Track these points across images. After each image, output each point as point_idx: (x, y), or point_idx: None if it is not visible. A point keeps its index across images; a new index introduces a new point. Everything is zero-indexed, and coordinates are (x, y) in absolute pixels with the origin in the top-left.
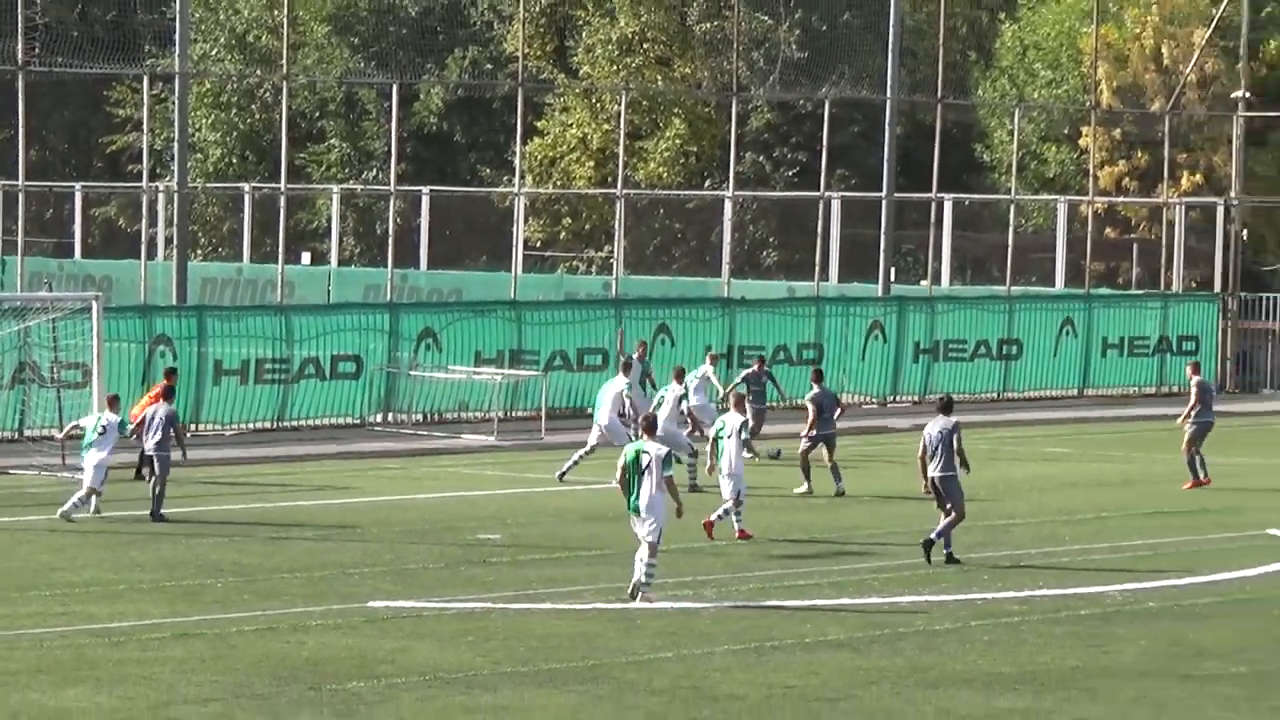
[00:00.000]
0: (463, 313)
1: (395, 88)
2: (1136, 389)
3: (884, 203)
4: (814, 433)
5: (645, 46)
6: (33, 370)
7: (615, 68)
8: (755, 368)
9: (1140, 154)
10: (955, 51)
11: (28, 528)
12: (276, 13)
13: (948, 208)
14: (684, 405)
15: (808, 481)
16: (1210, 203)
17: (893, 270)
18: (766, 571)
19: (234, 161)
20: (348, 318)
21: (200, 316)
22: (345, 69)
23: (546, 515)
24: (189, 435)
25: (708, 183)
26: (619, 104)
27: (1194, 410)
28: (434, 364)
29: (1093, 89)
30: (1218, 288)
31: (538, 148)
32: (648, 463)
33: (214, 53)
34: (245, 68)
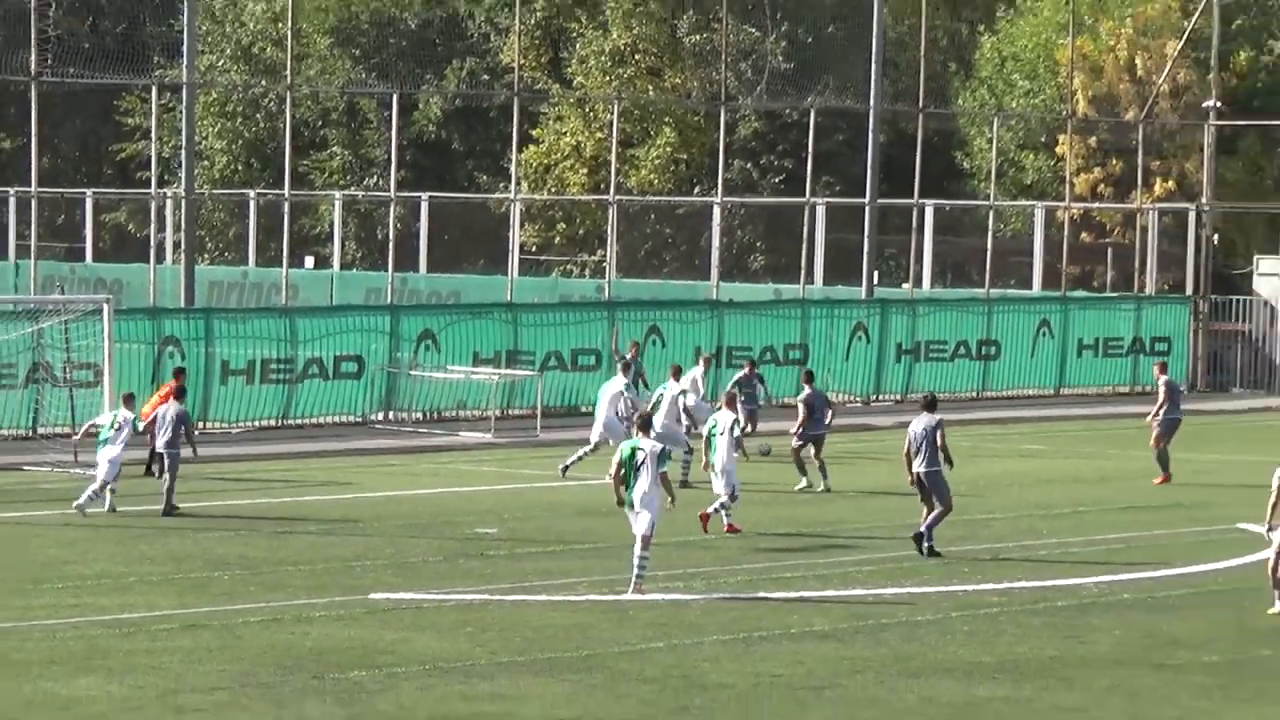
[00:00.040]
0: (461, 315)
1: (395, 97)
2: (1111, 388)
3: (867, 208)
4: (802, 430)
5: (637, 58)
6: (46, 370)
7: (608, 78)
8: (746, 370)
9: (1115, 161)
10: (936, 62)
11: (41, 522)
12: (281, 25)
13: (929, 213)
14: (681, 402)
15: (804, 477)
16: (1182, 208)
17: (876, 274)
18: (754, 564)
19: (239, 169)
20: (350, 319)
21: (207, 318)
22: (347, 79)
23: (542, 510)
24: (196, 433)
25: (697, 189)
26: (611, 113)
27: (1162, 408)
28: (433, 364)
29: (1069, 99)
30: (1189, 290)
31: (533, 155)
32: (643, 459)
33: (220, 64)
34: (250, 78)
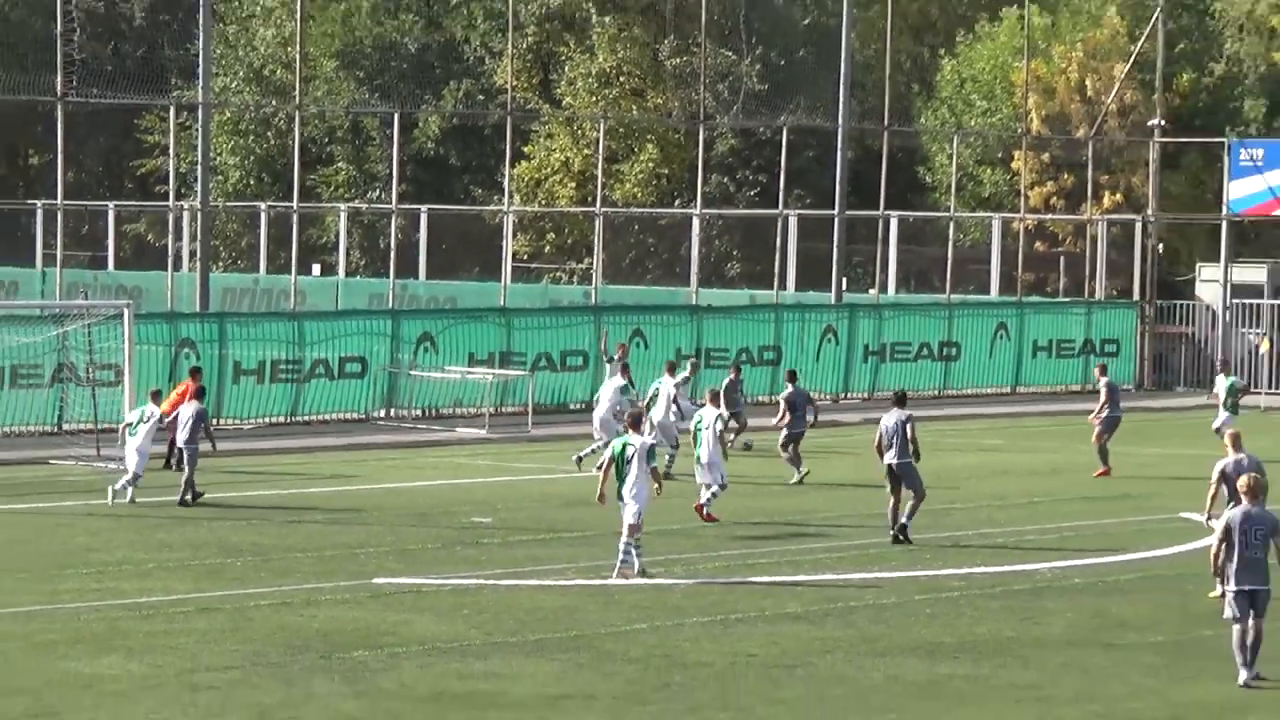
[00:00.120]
0: (457, 319)
1: (396, 116)
2: (1064, 387)
3: (836, 219)
4: (786, 429)
5: (621, 79)
6: (70, 370)
7: (594, 98)
8: (733, 376)
9: (1066, 176)
10: (900, 84)
11: (66, 512)
12: (290, 49)
13: (893, 224)
14: (672, 395)
15: (798, 471)
16: (1129, 219)
17: (844, 280)
18: (731, 551)
19: (251, 183)
20: (354, 323)
21: (221, 322)
22: (352, 99)
23: (533, 501)
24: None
25: (677, 202)
26: (598, 131)
27: (1104, 407)
28: (431, 365)
29: (1024, 117)
30: (1136, 296)
31: (525, 170)
32: (633, 454)
33: (234, 85)
34: (261, 99)
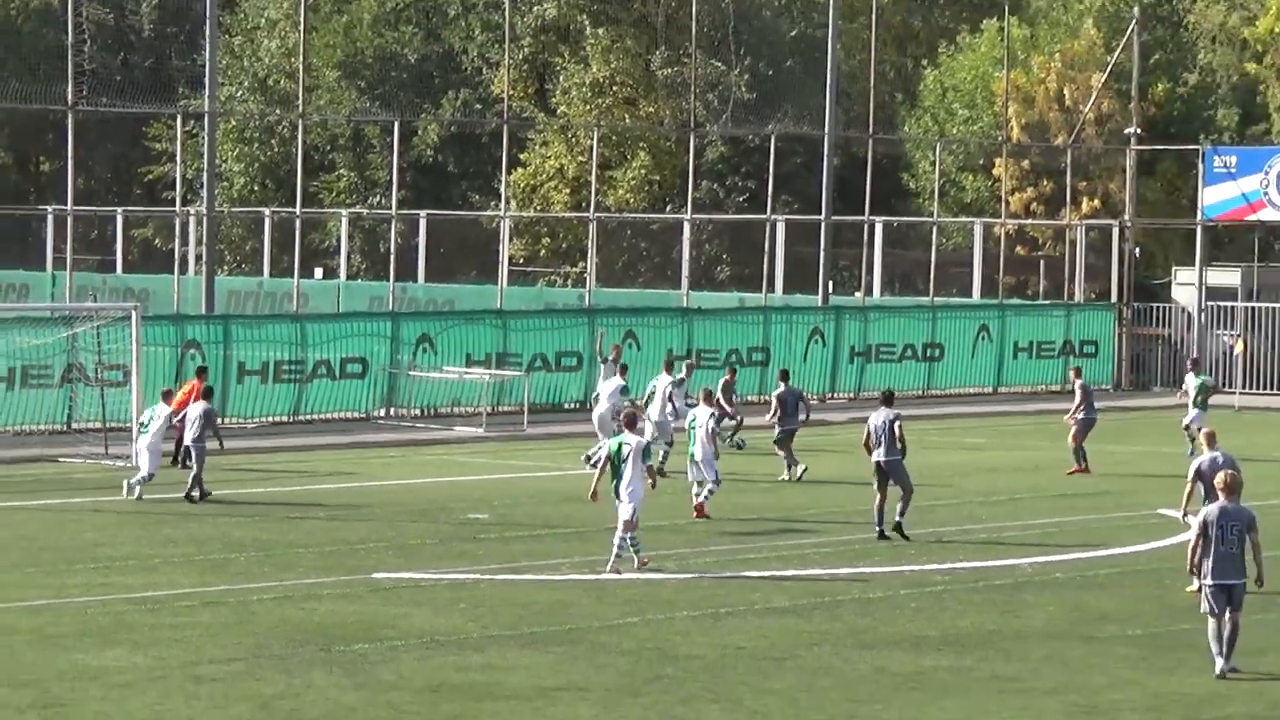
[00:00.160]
0: (455, 320)
1: (396, 125)
2: (1044, 387)
3: (822, 224)
4: (779, 427)
5: (614, 89)
6: (79, 371)
7: (588, 107)
8: (728, 378)
9: (1046, 182)
10: (884, 93)
11: (75, 509)
12: (293, 60)
13: (878, 229)
14: (669, 392)
15: (797, 466)
16: (1107, 224)
17: (830, 283)
18: (721, 547)
19: (256, 189)
20: (355, 325)
21: (226, 324)
22: (353, 108)
23: (528, 497)
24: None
25: (669, 207)
26: (592, 139)
27: (1079, 408)
28: (430, 365)
29: (1004, 126)
30: (1114, 299)
31: (521, 177)
32: (628, 453)
33: (239, 94)
34: (266, 107)
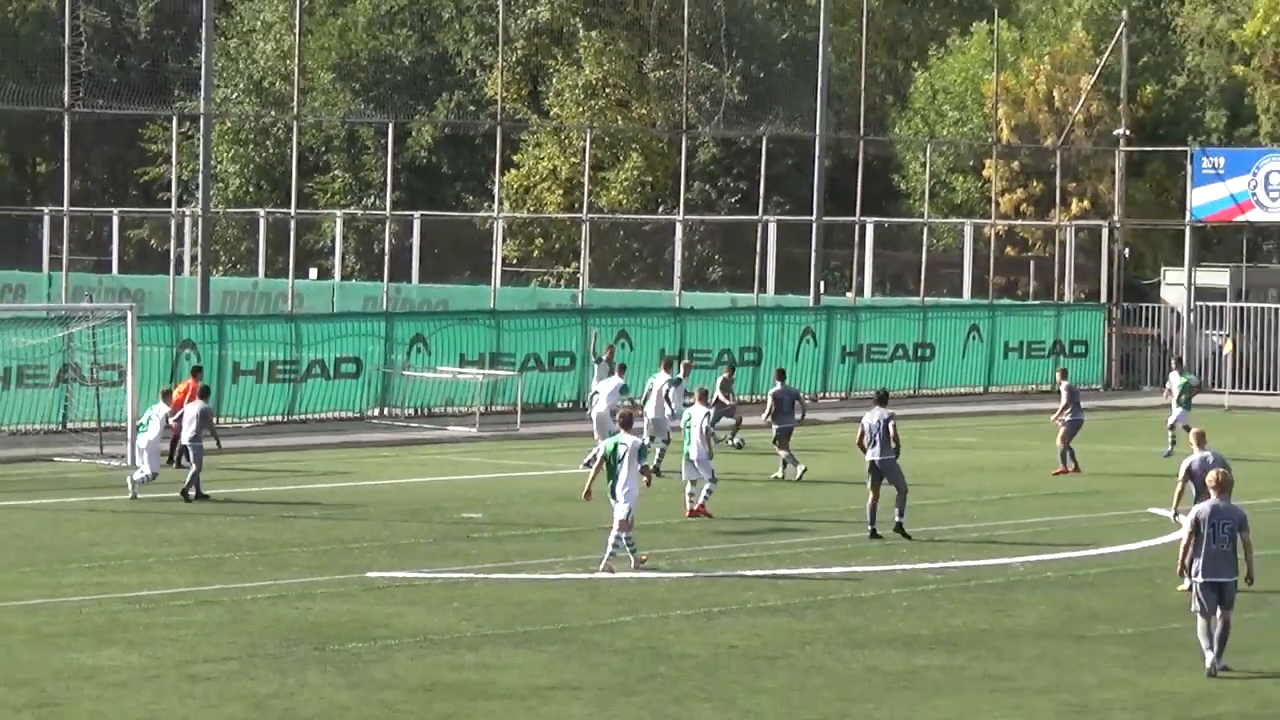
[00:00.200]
0: (449, 321)
1: (391, 126)
2: (1034, 386)
3: (814, 225)
4: (775, 426)
5: (607, 91)
6: (75, 370)
7: (581, 109)
8: (726, 375)
9: (1035, 183)
10: (875, 95)
11: (69, 508)
12: (288, 62)
13: (869, 230)
14: (666, 391)
15: (797, 466)
16: (1096, 225)
17: (822, 284)
18: (714, 546)
19: (251, 190)
20: (349, 325)
21: (221, 324)
22: (347, 110)
23: (521, 497)
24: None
25: (661, 208)
26: (584, 140)
27: (1066, 410)
28: (424, 365)
29: (994, 127)
30: (1104, 299)
31: (514, 178)
32: (624, 453)
33: (234, 96)
34: (261, 109)
